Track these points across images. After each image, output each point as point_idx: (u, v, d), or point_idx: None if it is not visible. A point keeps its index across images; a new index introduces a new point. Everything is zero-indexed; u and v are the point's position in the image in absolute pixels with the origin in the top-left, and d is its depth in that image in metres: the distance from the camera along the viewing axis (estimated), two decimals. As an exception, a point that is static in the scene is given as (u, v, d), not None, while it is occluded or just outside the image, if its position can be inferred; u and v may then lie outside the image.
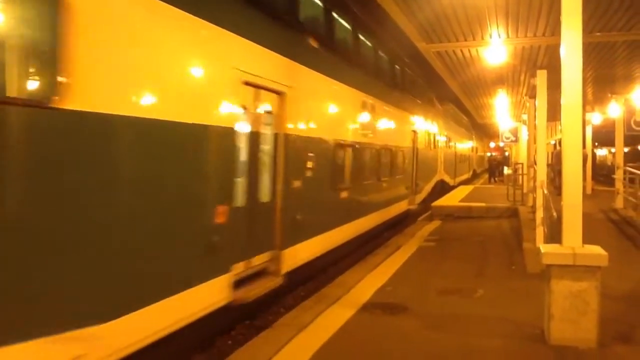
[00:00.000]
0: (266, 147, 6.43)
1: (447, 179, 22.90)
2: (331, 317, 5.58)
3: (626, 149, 16.07)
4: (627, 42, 8.75)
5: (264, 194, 6.37)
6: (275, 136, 6.59)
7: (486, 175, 34.10)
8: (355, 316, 5.64)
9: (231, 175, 5.50)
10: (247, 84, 5.76)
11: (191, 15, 4.80)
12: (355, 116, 9.88)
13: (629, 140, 18.02)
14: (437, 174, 20.23)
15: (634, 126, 13.44)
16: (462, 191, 20.39)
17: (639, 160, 29.29)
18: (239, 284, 5.70)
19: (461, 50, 9.81)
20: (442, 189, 20.82)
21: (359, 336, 5.07)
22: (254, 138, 6.10)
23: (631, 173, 12.57)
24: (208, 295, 5.05)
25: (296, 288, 7.91)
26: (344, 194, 9.17)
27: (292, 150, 6.91)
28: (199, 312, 4.92)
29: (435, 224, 13.16)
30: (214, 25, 5.16)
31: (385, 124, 11.94)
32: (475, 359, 4.55)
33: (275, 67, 6.48)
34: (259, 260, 6.21)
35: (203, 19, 4.98)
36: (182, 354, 5.23)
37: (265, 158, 6.42)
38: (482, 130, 43.72)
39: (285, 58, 6.73)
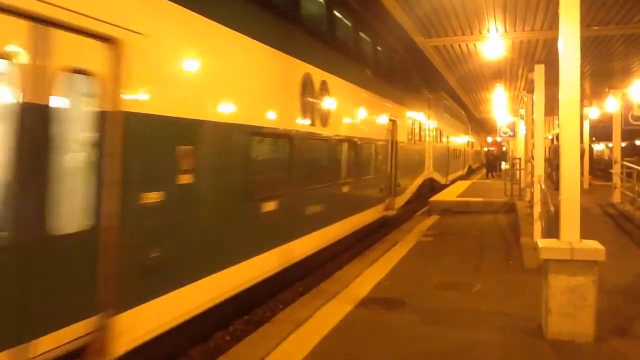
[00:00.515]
0: (76, 135, 3.90)
1: (437, 177, 20.45)
2: (329, 312, 5.57)
3: (623, 144, 16.07)
4: (624, 35, 8.75)
5: (68, 219, 3.71)
6: (102, 116, 3.95)
7: (482, 171, 34.16)
8: (353, 311, 5.64)
9: None
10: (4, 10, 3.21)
11: None
12: (291, 95, 7.19)
13: (626, 134, 18.03)
14: (425, 171, 18.09)
15: (631, 120, 13.43)
16: (460, 186, 20.43)
17: (636, 154, 29.45)
18: None
19: (459, 45, 9.79)
20: (432, 188, 18.96)
21: (357, 331, 5.07)
22: (35, 117, 3.44)
23: (628, 167, 12.58)
24: None
25: (294, 284, 7.92)
26: (267, 207, 6.46)
27: (144, 141, 4.31)
28: None
29: (434, 218, 13.17)
30: None
31: (345, 108, 9.49)
32: (473, 353, 4.55)
33: None
34: (56, 340, 3.55)
35: None
36: (178, 349, 5.20)
37: (74, 154, 3.88)
38: (480, 125, 43.75)
39: None
